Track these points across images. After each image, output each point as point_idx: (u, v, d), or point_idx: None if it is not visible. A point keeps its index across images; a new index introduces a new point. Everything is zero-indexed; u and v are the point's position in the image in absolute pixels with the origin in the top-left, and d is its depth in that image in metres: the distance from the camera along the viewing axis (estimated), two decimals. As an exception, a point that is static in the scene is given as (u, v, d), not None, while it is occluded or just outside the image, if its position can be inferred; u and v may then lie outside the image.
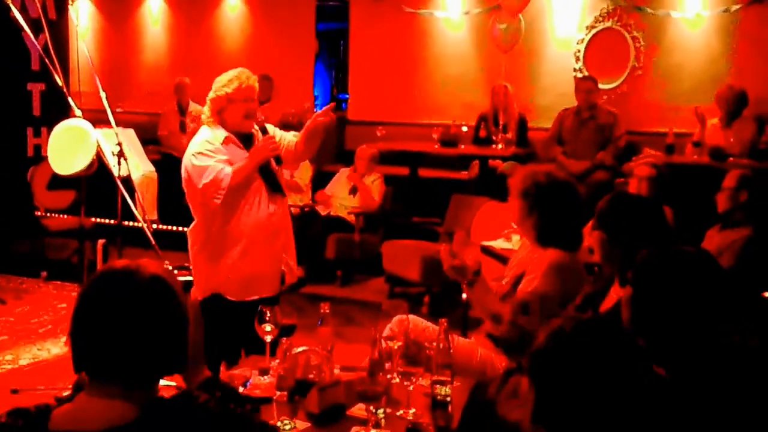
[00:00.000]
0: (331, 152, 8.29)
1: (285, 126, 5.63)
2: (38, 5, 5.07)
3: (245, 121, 3.66)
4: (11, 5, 4.11)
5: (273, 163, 3.73)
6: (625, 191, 4.44)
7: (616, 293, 2.82)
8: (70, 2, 4.69)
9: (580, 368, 1.53)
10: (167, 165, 7.67)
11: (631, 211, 2.83)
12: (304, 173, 7.09)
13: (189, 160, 3.61)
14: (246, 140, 3.70)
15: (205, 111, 3.70)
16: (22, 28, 4.20)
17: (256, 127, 3.76)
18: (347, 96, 9.40)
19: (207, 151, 3.57)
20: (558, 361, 1.55)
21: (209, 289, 3.68)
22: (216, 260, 3.66)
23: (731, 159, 5.94)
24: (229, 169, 3.54)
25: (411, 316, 3.24)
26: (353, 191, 6.84)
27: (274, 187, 3.71)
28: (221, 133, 3.62)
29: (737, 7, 6.99)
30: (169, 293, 1.64)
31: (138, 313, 1.59)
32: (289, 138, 3.83)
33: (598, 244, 2.86)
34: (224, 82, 3.62)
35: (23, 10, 4.79)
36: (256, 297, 3.59)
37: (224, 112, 3.63)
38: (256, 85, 3.66)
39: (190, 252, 3.78)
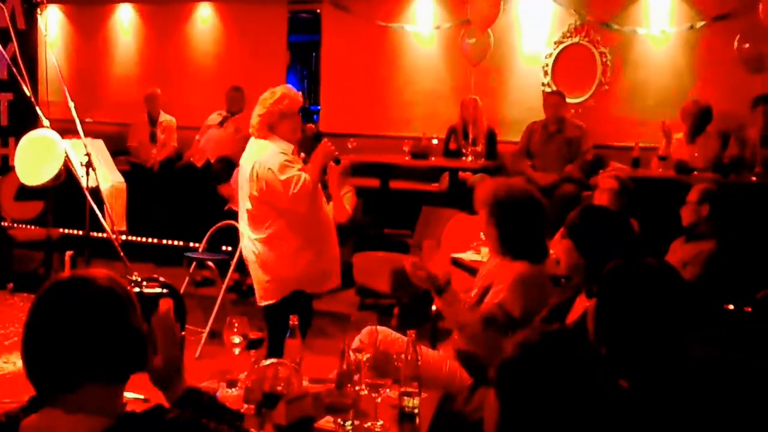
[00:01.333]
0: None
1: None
2: (6, 14, 5.04)
3: (294, 133, 3.98)
4: (-21, 15, 4.08)
5: None
6: (594, 204, 4.50)
7: (582, 304, 2.86)
8: (39, 12, 4.65)
9: (545, 380, 1.54)
10: (137, 176, 7.64)
11: (600, 223, 2.88)
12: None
13: (269, 174, 3.81)
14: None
15: (254, 125, 3.95)
16: (-11, 38, 4.17)
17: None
18: (319, 108, 9.41)
19: (287, 163, 3.83)
20: (523, 373, 1.56)
21: (290, 287, 3.97)
22: (297, 259, 3.94)
23: (696, 173, 6.04)
24: (307, 176, 3.81)
25: (380, 328, 3.27)
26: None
27: (324, 186, 4.10)
28: (289, 145, 3.93)
29: (701, 24, 7.13)
30: (122, 291, 1.66)
31: (91, 321, 1.60)
32: None
33: (566, 253, 2.90)
34: (275, 99, 3.91)
35: (-9, 20, 4.76)
36: (328, 288, 4.13)
37: (276, 126, 3.91)
38: (301, 100, 4.01)
39: (264, 259, 3.98)
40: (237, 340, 2.83)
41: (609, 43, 7.46)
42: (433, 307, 4.05)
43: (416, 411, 2.57)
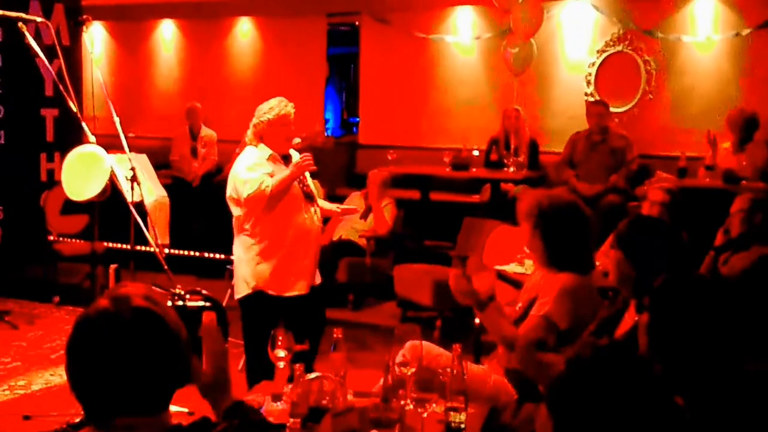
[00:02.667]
0: (342, 176, 8.30)
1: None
2: (52, 31, 5.11)
3: (284, 143, 4.18)
4: (26, 32, 4.13)
5: (307, 176, 4.24)
6: (645, 215, 4.41)
7: (631, 318, 2.80)
8: (84, 29, 4.71)
9: (599, 397, 1.50)
10: (179, 189, 7.72)
11: (651, 234, 2.81)
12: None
13: (237, 174, 4.09)
14: (285, 159, 4.22)
15: (249, 134, 4.22)
16: (36, 54, 4.23)
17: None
18: (358, 120, 9.42)
19: (254, 166, 4.07)
20: (576, 391, 1.53)
21: (251, 285, 4.15)
22: (261, 260, 4.12)
23: (744, 182, 5.91)
24: (269, 181, 4.00)
25: (424, 343, 3.22)
26: (365, 215, 6.84)
27: (308, 197, 4.21)
28: (267, 151, 4.13)
29: (747, 31, 7.00)
30: (152, 321, 1.62)
31: (128, 350, 1.58)
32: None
33: (615, 265, 2.83)
34: (265, 110, 4.16)
35: (37, 37, 4.82)
36: (293, 293, 4.14)
37: (265, 136, 4.14)
38: (293, 112, 4.19)
39: (236, 255, 4.23)
40: (282, 353, 2.81)
41: (653, 51, 7.37)
42: (476, 320, 3.99)
43: (463, 426, 2.53)
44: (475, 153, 7.51)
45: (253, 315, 4.18)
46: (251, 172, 4.05)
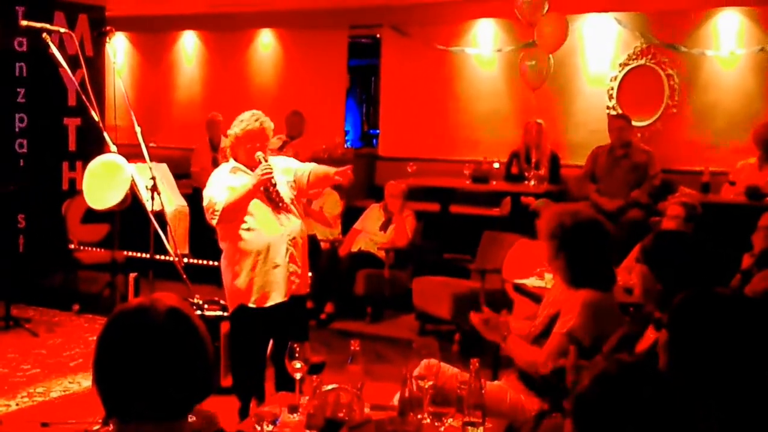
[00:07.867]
0: (362, 188, 8.30)
1: (315, 161, 5.65)
2: (76, 42, 5.16)
3: (250, 158, 4.07)
4: (50, 42, 4.17)
5: (274, 186, 4.08)
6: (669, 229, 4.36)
7: (652, 333, 2.75)
8: (107, 39, 4.75)
9: (626, 413, 1.50)
10: (199, 199, 7.72)
11: (677, 247, 2.78)
12: (333, 207, 7.08)
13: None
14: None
15: (225, 144, 4.33)
16: (59, 64, 4.26)
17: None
18: (378, 131, 9.43)
19: (213, 181, 4.11)
20: (603, 406, 1.52)
21: (236, 301, 4.13)
22: (236, 275, 4.09)
23: (768, 199, 5.84)
24: (223, 197, 4.00)
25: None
26: (384, 227, 6.82)
27: (277, 206, 4.09)
28: (231, 164, 4.16)
29: (773, 45, 6.94)
30: (185, 323, 1.64)
31: (157, 349, 1.59)
32: (303, 170, 4.23)
33: (640, 279, 2.79)
34: (235, 124, 4.14)
35: (61, 47, 4.86)
36: (271, 303, 4.06)
37: (233, 148, 4.15)
38: (267, 125, 4.09)
39: (222, 273, 4.23)
40: (298, 365, 2.80)
41: (676, 65, 7.32)
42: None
43: (481, 441, 2.50)
44: (496, 166, 7.48)
45: (237, 329, 4.16)
46: (209, 188, 4.09)
